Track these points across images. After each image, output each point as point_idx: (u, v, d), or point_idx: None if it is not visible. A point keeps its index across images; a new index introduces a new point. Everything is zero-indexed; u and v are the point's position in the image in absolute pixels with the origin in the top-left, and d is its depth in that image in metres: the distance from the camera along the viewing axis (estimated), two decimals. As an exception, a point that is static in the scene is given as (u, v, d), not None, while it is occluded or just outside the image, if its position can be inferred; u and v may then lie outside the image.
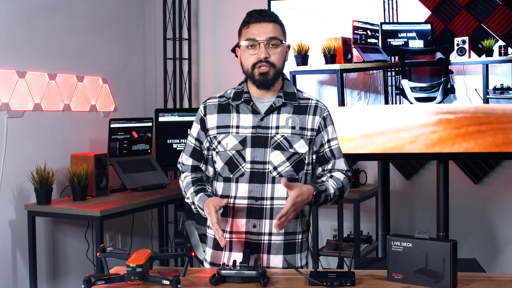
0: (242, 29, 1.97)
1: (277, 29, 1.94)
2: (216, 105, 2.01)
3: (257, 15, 1.93)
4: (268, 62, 1.92)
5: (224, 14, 4.38)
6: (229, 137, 1.96)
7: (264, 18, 1.93)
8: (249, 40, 1.92)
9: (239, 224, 1.94)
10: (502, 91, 3.05)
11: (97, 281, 1.64)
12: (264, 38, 1.91)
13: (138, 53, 4.39)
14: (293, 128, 1.95)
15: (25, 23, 3.37)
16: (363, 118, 3.20)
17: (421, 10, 3.14)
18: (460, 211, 3.83)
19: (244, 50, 1.95)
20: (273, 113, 1.96)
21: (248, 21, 1.94)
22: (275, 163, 1.93)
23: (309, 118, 1.98)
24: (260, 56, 1.91)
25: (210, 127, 2.00)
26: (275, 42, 1.92)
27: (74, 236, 3.71)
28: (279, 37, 1.93)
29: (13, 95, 3.28)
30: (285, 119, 1.96)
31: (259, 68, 1.92)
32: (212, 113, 2.00)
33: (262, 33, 1.91)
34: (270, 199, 1.93)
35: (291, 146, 1.94)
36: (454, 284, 1.62)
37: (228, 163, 1.96)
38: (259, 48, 1.91)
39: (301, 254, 2.00)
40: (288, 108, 1.97)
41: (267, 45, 1.91)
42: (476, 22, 3.08)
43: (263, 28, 1.92)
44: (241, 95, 1.98)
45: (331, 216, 4.15)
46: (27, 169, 3.27)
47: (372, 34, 3.19)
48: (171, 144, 4.01)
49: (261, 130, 1.94)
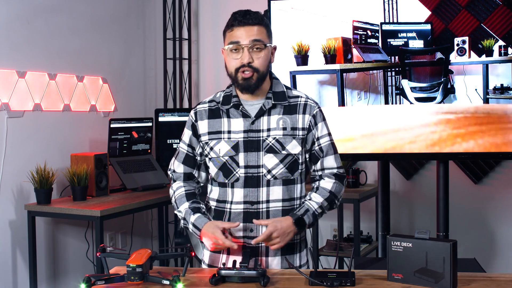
0: (226, 32, 1.94)
1: (261, 32, 1.90)
2: (207, 110, 1.99)
3: (240, 17, 1.90)
4: (251, 67, 1.89)
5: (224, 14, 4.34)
6: (221, 142, 1.94)
7: (248, 21, 1.89)
8: (232, 43, 1.89)
9: (236, 228, 1.93)
10: (502, 91, 3.05)
11: (97, 281, 1.64)
12: (248, 42, 1.88)
13: (138, 53, 4.39)
14: (284, 129, 1.93)
15: (25, 23, 3.37)
16: (363, 118, 3.20)
17: (421, 10, 3.14)
18: (460, 211, 3.83)
19: (228, 53, 1.92)
20: (263, 116, 1.94)
21: (232, 24, 1.91)
22: (268, 166, 1.92)
23: (299, 117, 1.96)
24: (243, 61, 1.88)
25: (201, 133, 1.98)
26: (259, 45, 1.89)
27: (74, 236, 3.71)
28: (263, 40, 1.90)
29: (13, 95, 3.28)
30: (275, 121, 1.94)
31: (243, 73, 1.89)
32: (202, 119, 1.98)
33: (245, 37, 1.88)
34: (266, 202, 1.93)
35: (284, 148, 1.93)
36: (454, 284, 1.62)
37: (222, 169, 1.95)
38: (242, 52, 1.89)
39: (300, 253, 2.00)
40: (278, 109, 1.95)
41: (251, 49, 1.88)
42: (476, 22, 3.08)
43: (246, 32, 1.88)
44: (230, 99, 1.96)
45: (331, 216, 4.15)
46: (27, 169, 3.27)
47: (372, 34, 3.19)
48: (171, 144, 4.01)
49: (252, 134, 1.93)
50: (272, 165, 1.92)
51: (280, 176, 1.92)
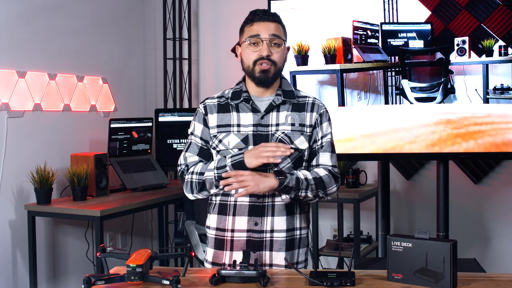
0: (245, 27, 1.98)
1: (279, 29, 1.97)
2: (216, 105, 2.01)
3: (261, 14, 1.96)
4: (270, 59, 1.93)
5: (224, 14, 4.38)
6: (230, 135, 1.96)
7: (268, 17, 1.96)
8: (252, 37, 1.94)
9: (241, 222, 1.94)
10: (502, 91, 3.05)
11: (97, 281, 1.64)
12: (268, 36, 1.93)
13: (138, 53, 4.39)
14: (292, 125, 1.96)
15: (25, 23, 3.37)
16: (363, 118, 3.20)
17: (421, 10, 3.14)
18: (460, 211, 3.83)
19: (246, 47, 1.96)
20: (272, 111, 1.97)
21: (252, 19, 1.96)
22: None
23: (307, 114, 1.99)
24: (263, 53, 1.92)
25: (210, 126, 2.00)
26: (278, 41, 1.95)
27: (74, 236, 3.71)
28: (281, 36, 1.96)
29: (13, 95, 3.28)
30: (284, 117, 1.97)
31: (261, 65, 1.93)
32: (212, 113, 2.00)
33: (265, 31, 1.93)
34: (271, 196, 1.94)
35: (292, 143, 1.95)
36: (454, 284, 1.62)
37: None
38: (261, 45, 1.93)
39: (299, 250, 2.00)
40: (287, 105, 1.99)
41: (270, 43, 1.93)
42: (476, 22, 3.08)
43: (266, 26, 1.94)
44: (240, 94, 1.99)
45: (331, 216, 4.15)
46: (27, 169, 3.27)
47: (372, 34, 3.19)
48: (171, 144, 4.01)
49: (261, 128, 1.95)
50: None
51: (287, 170, 1.93)
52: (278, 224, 1.95)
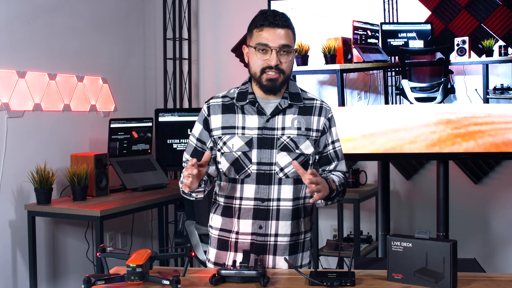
0: (254, 30, 1.92)
1: (289, 36, 1.90)
2: (220, 105, 1.99)
3: (271, 18, 1.88)
4: (278, 69, 1.89)
5: (224, 14, 4.38)
6: (234, 138, 1.94)
7: (278, 22, 1.88)
8: (261, 44, 1.88)
9: (245, 225, 1.94)
10: (502, 91, 3.05)
11: (97, 281, 1.64)
12: (277, 45, 1.87)
13: (138, 53, 4.39)
14: (298, 129, 1.94)
15: (25, 23, 3.37)
16: (363, 118, 3.20)
17: (421, 10, 3.14)
18: (460, 211, 3.83)
19: (254, 52, 1.91)
20: (278, 115, 1.94)
21: (262, 24, 1.89)
22: (281, 165, 1.92)
23: (314, 119, 1.97)
24: (271, 63, 1.88)
25: (214, 127, 1.97)
26: (287, 49, 1.89)
27: (74, 236, 3.71)
28: (291, 44, 1.90)
29: (13, 95, 3.28)
30: (290, 120, 1.95)
31: (268, 73, 1.89)
32: (216, 113, 1.98)
33: (275, 39, 1.87)
34: (276, 200, 1.93)
35: (297, 147, 1.93)
36: (454, 284, 1.62)
37: (234, 164, 1.94)
38: (270, 54, 1.88)
39: (303, 253, 2.00)
40: (294, 109, 1.96)
41: (279, 52, 1.88)
42: (476, 22, 3.08)
43: (276, 34, 1.87)
44: (245, 96, 1.96)
45: (331, 216, 4.15)
46: (27, 169, 3.27)
47: (372, 34, 3.19)
48: (171, 144, 4.01)
49: (267, 131, 1.93)
50: (285, 163, 1.92)
51: (292, 175, 1.92)
52: (282, 228, 1.94)
